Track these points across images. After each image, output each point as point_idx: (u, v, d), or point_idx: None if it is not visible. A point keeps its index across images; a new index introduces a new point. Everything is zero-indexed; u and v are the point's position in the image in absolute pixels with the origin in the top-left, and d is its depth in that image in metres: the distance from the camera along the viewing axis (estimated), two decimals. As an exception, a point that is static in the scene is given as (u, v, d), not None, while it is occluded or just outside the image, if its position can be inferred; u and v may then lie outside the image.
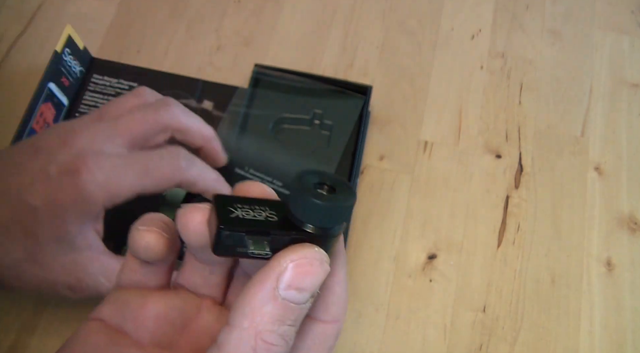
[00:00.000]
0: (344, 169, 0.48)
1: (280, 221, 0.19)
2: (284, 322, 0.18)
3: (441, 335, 0.45)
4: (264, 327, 0.17)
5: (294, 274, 0.18)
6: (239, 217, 0.18)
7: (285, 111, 0.49)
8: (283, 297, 0.18)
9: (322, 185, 0.19)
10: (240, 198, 0.19)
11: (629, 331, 0.46)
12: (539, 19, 0.60)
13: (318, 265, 0.18)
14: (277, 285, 0.17)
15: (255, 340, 0.17)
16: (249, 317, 0.17)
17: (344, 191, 0.19)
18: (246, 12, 0.58)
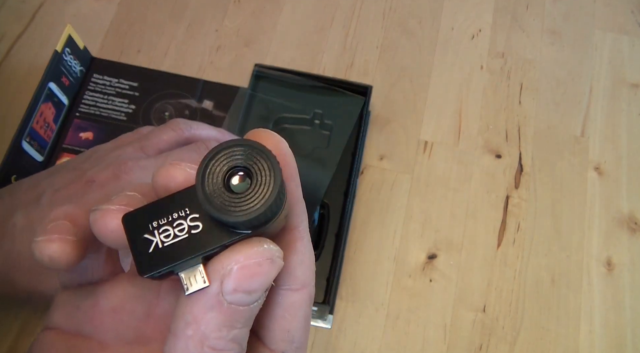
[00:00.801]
0: (344, 169, 0.48)
1: (207, 228, 0.15)
2: (233, 326, 0.16)
3: (441, 335, 0.45)
4: (210, 335, 0.16)
5: (240, 277, 0.15)
6: (158, 247, 0.15)
7: (285, 111, 0.50)
8: (229, 302, 0.15)
9: (234, 172, 0.15)
10: (151, 210, 0.16)
11: (629, 331, 0.46)
12: (539, 19, 0.60)
13: (268, 264, 0.15)
14: (220, 290, 0.15)
15: (203, 348, 0.16)
16: (192, 325, 0.15)
17: (262, 172, 0.15)
18: (246, 12, 0.58)
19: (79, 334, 0.20)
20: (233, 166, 0.15)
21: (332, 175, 0.47)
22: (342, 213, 0.46)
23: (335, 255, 0.45)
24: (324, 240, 0.46)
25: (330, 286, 0.44)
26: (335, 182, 0.47)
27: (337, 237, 0.46)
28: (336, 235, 0.46)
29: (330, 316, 0.45)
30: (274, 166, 0.15)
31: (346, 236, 0.47)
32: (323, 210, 0.47)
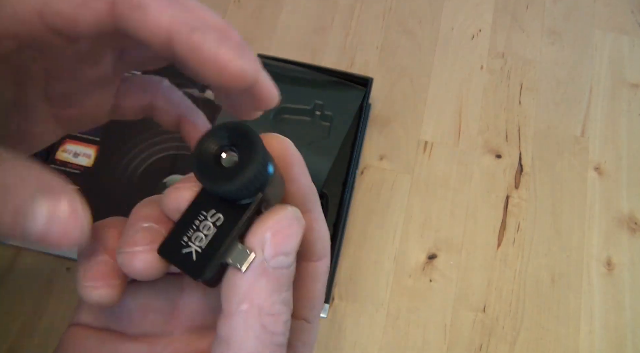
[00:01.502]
0: (343, 161, 0.48)
1: (227, 214, 0.17)
2: (281, 290, 0.17)
3: (441, 335, 0.45)
4: (265, 303, 0.17)
5: (276, 242, 0.17)
6: (199, 253, 0.17)
7: (286, 101, 0.50)
8: (274, 267, 0.17)
9: (223, 150, 0.17)
10: (176, 232, 0.18)
11: (629, 331, 0.46)
12: (539, 19, 0.60)
13: (296, 224, 0.17)
14: (264, 258, 0.17)
15: (261, 317, 0.17)
16: (247, 299, 0.17)
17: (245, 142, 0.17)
18: (246, 12, 0.58)
19: (107, 329, 0.20)
20: (222, 145, 0.17)
21: (331, 165, 0.47)
22: (340, 203, 0.47)
23: (333, 245, 0.45)
24: None
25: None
26: (334, 173, 0.48)
27: (335, 226, 0.46)
28: (334, 225, 0.46)
29: (326, 305, 0.45)
30: (255, 141, 0.17)
31: (344, 226, 0.47)
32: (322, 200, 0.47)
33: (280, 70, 0.51)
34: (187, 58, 0.18)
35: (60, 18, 0.18)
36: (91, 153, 0.49)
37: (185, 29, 0.17)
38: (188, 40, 0.17)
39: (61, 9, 0.18)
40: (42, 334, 0.42)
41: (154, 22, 0.18)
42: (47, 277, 0.44)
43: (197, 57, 0.18)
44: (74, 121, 0.22)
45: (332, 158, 0.48)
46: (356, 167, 0.49)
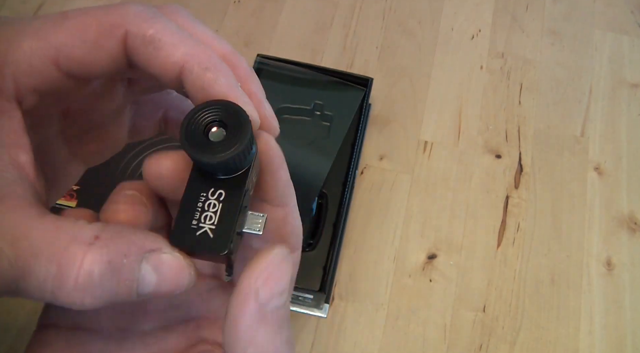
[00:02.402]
0: (343, 161, 0.48)
1: (228, 188, 0.18)
2: (282, 330, 0.18)
3: (441, 335, 0.45)
4: (269, 347, 0.17)
5: (270, 285, 0.17)
6: (213, 230, 0.17)
7: (286, 101, 0.50)
8: (271, 311, 0.17)
9: (212, 124, 0.17)
10: (181, 218, 0.18)
11: (629, 331, 0.46)
12: (539, 19, 0.60)
13: (286, 263, 0.18)
14: (259, 304, 0.17)
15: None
16: (251, 346, 0.17)
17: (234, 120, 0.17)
18: (246, 12, 0.58)
19: (76, 326, 0.20)
20: (212, 120, 0.17)
21: (331, 165, 0.47)
22: (340, 203, 0.47)
23: (333, 244, 0.45)
24: (321, 229, 0.46)
25: (326, 275, 0.44)
26: (334, 173, 0.48)
27: (335, 226, 0.46)
28: (334, 224, 0.46)
29: (326, 305, 0.45)
30: (245, 122, 0.17)
31: (344, 226, 0.47)
32: (322, 200, 0.47)
33: (280, 70, 0.51)
34: (196, 95, 0.18)
35: (75, 63, 0.18)
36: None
37: (197, 68, 0.18)
38: (200, 79, 0.18)
39: (75, 54, 0.18)
40: (42, 334, 0.43)
41: (167, 59, 0.18)
42: (47, 277, 0.44)
43: (207, 97, 0.18)
44: (94, 155, 0.22)
45: (332, 158, 0.48)
46: (356, 167, 0.49)
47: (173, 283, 0.17)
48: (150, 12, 0.18)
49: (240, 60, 0.20)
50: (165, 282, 0.17)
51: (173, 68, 0.18)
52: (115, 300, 0.16)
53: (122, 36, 0.18)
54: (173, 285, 0.17)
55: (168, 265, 0.17)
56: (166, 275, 0.17)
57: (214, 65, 0.18)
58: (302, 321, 0.45)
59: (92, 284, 0.15)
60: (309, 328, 0.45)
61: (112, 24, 0.18)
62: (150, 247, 0.17)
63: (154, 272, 0.16)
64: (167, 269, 0.17)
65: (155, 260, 0.17)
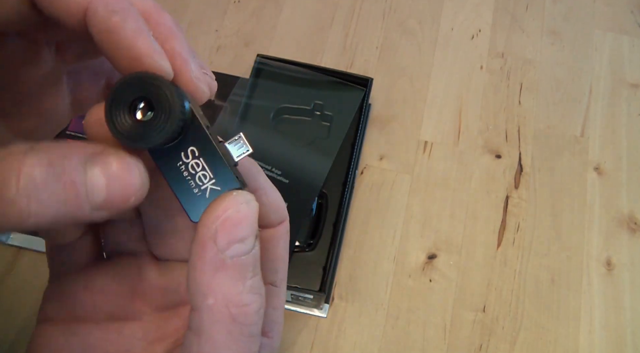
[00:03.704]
0: (343, 161, 0.48)
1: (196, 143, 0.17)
2: (244, 278, 0.17)
3: (441, 335, 0.45)
4: (229, 294, 0.16)
5: (228, 229, 0.16)
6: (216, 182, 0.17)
7: (286, 101, 0.50)
8: (231, 256, 0.16)
9: (136, 104, 0.16)
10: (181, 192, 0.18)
11: (629, 331, 0.46)
12: (539, 19, 0.60)
13: (245, 207, 0.17)
14: (217, 250, 0.16)
15: (229, 310, 0.16)
16: (210, 294, 0.16)
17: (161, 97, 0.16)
18: (246, 12, 0.58)
19: (73, 319, 0.20)
20: (133, 99, 0.16)
21: (331, 165, 0.47)
22: (340, 203, 0.47)
23: (333, 244, 0.45)
24: (321, 229, 0.46)
25: (326, 275, 0.44)
26: (334, 173, 0.48)
27: (335, 226, 0.46)
28: (334, 224, 0.46)
29: (326, 305, 0.45)
30: (169, 91, 0.16)
31: (344, 226, 0.47)
32: (322, 200, 0.47)
33: (280, 70, 0.51)
34: (101, 41, 0.16)
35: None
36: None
37: (103, 10, 0.16)
38: (105, 22, 0.16)
39: None
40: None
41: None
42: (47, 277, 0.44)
43: (112, 43, 0.16)
44: (36, 131, 0.21)
45: (332, 158, 0.48)
46: (356, 167, 0.49)
47: (124, 185, 0.15)
48: None
49: (163, 16, 0.18)
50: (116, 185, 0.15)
51: (77, 9, 0.16)
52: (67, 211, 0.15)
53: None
54: (125, 187, 0.15)
55: (114, 164, 0.15)
56: (115, 176, 0.15)
57: (122, 8, 0.16)
58: (302, 321, 0.45)
59: (35, 188, 0.14)
60: (309, 328, 0.45)
61: None
62: (93, 150, 0.15)
63: (101, 174, 0.15)
64: (114, 169, 0.15)
65: (100, 161, 0.15)
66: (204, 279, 0.16)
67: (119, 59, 0.16)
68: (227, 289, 0.16)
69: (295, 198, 0.46)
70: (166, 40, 0.18)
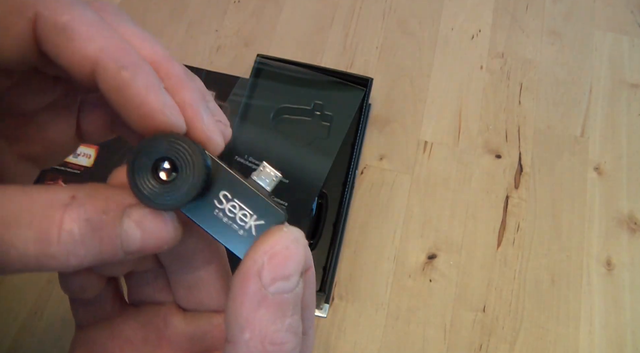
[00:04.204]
0: (342, 161, 0.48)
1: (226, 188, 0.17)
2: (284, 316, 0.16)
3: (441, 335, 0.45)
4: (267, 331, 0.16)
5: (274, 266, 0.16)
6: (260, 217, 0.17)
7: (286, 101, 0.50)
8: (273, 293, 0.16)
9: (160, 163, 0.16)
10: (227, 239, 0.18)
11: (629, 331, 0.46)
12: (539, 19, 0.60)
13: (295, 245, 0.16)
14: (261, 284, 0.16)
15: (265, 346, 0.16)
16: (248, 328, 0.16)
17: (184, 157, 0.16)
18: (246, 12, 0.58)
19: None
20: (156, 159, 0.16)
21: (331, 165, 0.47)
22: (340, 203, 0.47)
23: (333, 244, 0.45)
24: (321, 229, 0.46)
25: (326, 275, 0.44)
26: (334, 173, 0.48)
27: (335, 226, 0.46)
28: (334, 224, 0.46)
29: (326, 305, 0.45)
30: (193, 150, 0.16)
31: (344, 226, 0.47)
32: (322, 200, 0.47)
33: (280, 70, 0.51)
34: (111, 97, 0.16)
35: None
36: (91, 153, 0.49)
37: (113, 65, 0.15)
38: (114, 78, 0.15)
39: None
40: (42, 334, 0.42)
41: (79, 52, 0.15)
42: (47, 277, 0.44)
43: (122, 99, 0.16)
44: (43, 157, 0.21)
45: (332, 158, 0.48)
46: (356, 167, 0.49)
47: (158, 237, 0.16)
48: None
49: (174, 66, 0.18)
50: (150, 236, 0.16)
51: (85, 63, 0.15)
52: (102, 259, 0.15)
53: (32, 18, 0.15)
54: (158, 238, 0.16)
55: (149, 218, 0.16)
56: (149, 228, 0.16)
57: (132, 63, 0.16)
58: (302, 321, 0.45)
59: (74, 243, 0.15)
60: (309, 328, 0.45)
61: (21, 2, 0.15)
62: (129, 202, 0.16)
63: (136, 227, 0.16)
64: (148, 223, 0.16)
65: (135, 214, 0.16)
66: (243, 312, 0.16)
67: (129, 114, 0.16)
68: (265, 325, 0.16)
69: (295, 198, 0.46)
70: (176, 90, 0.17)
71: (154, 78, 0.16)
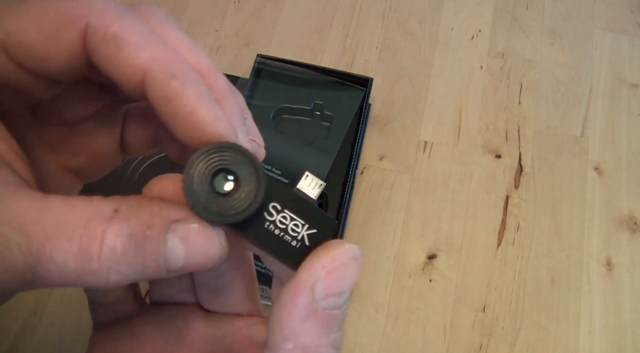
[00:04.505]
0: (343, 162, 0.48)
1: (275, 199, 0.17)
2: (330, 332, 0.16)
3: (441, 335, 0.45)
4: (310, 344, 0.16)
5: (329, 281, 0.16)
6: (312, 226, 0.17)
7: (286, 101, 0.50)
8: (324, 308, 0.16)
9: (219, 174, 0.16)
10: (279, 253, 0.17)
11: (628, 331, 0.46)
12: (539, 19, 0.60)
13: (353, 264, 0.16)
14: (314, 298, 0.16)
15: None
16: (292, 338, 0.16)
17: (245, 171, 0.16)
18: (246, 12, 0.58)
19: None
20: (216, 169, 0.16)
21: (331, 165, 0.47)
22: (340, 203, 0.47)
23: None
24: None
25: None
26: (334, 173, 0.48)
27: None
28: None
29: None
30: (255, 165, 0.16)
31: (344, 226, 0.47)
32: (322, 200, 0.47)
33: (280, 70, 0.51)
34: (159, 107, 0.16)
35: (27, 52, 0.15)
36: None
37: (162, 75, 0.15)
38: (164, 88, 0.15)
39: (27, 42, 0.15)
40: (42, 334, 0.42)
41: (128, 61, 0.15)
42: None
43: (171, 109, 0.16)
44: (87, 169, 0.21)
45: (332, 158, 0.48)
46: (356, 167, 0.49)
47: (204, 255, 0.16)
48: (119, 7, 0.16)
49: (218, 77, 0.18)
50: (195, 254, 0.15)
51: (134, 73, 0.15)
52: (143, 276, 0.15)
53: (83, 29, 0.15)
54: (204, 257, 0.16)
55: (195, 235, 0.15)
56: (195, 246, 0.15)
57: (182, 73, 0.15)
58: (302, 321, 0.45)
59: (116, 260, 0.14)
60: (309, 328, 0.45)
61: (73, 14, 0.15)
62: (175, 217, 0.15)
63: (181, 243, 0.15)
64: (195, 240, 0.15)
65: (181, 230, 0.15)
66: (290, 323, 0.16)
67: (178, 125, 0.16)
68: (310, 339, 0.16)
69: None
70: (218, 103, 0.17)
71: (204, 88, 0.16)
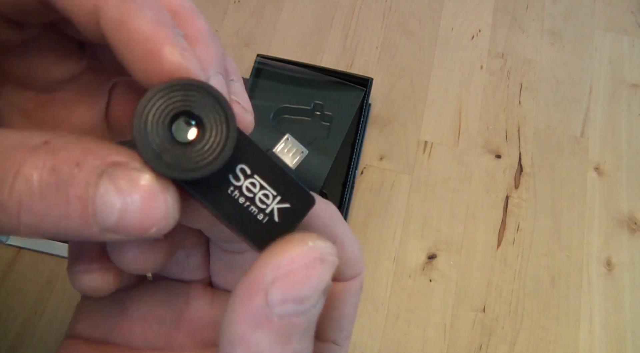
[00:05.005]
0: (343, 161, 0.48)
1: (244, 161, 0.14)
2: (288, 342, 0.13)
3: (441, 335, 0.45)
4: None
5: (287, 285, 0.12)
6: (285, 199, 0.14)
7: (286, 101, 0.50)
8: (280, 315, 0.13)
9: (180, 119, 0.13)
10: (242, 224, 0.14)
11: (628, 331, 0.46)
12: (539, 19, 0.60)
13: (319, 265, 0.13)
14: (267, 303, 0.12)
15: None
16: (240, 347, 0.13)
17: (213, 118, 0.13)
18: (246, 12, 0.58)
19: (104, 343, 0.18)
20: (178, 112, 0.13)
21: (331, 165, 0.47)
22: (340, 203, 0.47)
23: None
24: None
25: None
26: (334, 173, 0.48)
27: None
28: None
29: None
30: (226, 112, 0.13)
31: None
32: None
33: (280, 70, 0.51)
34: (113, 38, 0.13)
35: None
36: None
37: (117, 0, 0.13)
38: (117, 10, 0.12)
39: None
40: (42, 334, 0.42)
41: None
42: (47, 277, 0.44)
43: (124, 36, 0.13)
44: None
45: (332, 158, 0.48)
46: (356, 167, 0.49)
47: (143, 214, 0.12)
48: None
49: (195, 18, 0.14)
50: (132, 211, 0.12)
51: (86, 3, 0.13)
52: (67, 228, 0.12)
53: None
54: (143, 216, 0.12)
55: (136, 186, 0.12)
56: (133, 199, 0.12)
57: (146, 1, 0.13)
58: (302, 321, 0.45)
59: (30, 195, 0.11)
60: (309, 328, 0.45)
61: None
62: (113, 160, 0.12)
63: (116, 193, 0.12)
64: (134, 191, 0.12)
65: (118, 177, 0.12)
66: (239, 329, 0.13)
67: (134, 59, 0.13)
68: (262, 349, 0.13)
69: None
70: (197, 45, 0.14)
71: (167, 17, 0.13)
